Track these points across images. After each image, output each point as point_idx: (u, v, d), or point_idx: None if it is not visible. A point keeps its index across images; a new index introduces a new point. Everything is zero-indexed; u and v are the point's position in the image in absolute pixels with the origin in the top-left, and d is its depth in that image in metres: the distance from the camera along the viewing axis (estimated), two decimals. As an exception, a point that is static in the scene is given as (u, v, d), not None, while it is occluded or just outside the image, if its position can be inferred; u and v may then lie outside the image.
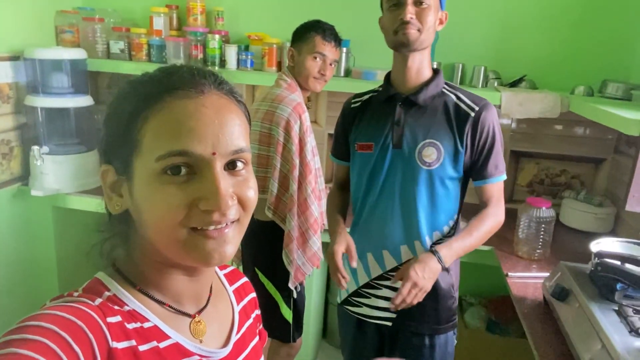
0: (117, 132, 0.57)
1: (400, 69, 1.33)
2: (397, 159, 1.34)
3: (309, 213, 1.81)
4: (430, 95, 1.33)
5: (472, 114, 1.30)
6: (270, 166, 1.79)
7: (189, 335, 0.62)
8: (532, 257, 1.86)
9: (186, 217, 0.54)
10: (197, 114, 0.54)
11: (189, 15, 2.47)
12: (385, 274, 1.40)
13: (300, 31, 1.83)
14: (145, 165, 0.54)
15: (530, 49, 2.28)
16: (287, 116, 1.74)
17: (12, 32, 2.26)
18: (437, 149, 1.31)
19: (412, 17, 1.24)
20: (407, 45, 1.26)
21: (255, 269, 1.89)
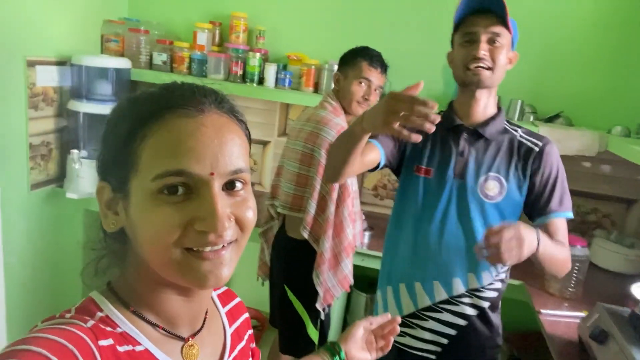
0: (115, 149, 0.56)
1: (467, 102, 1.33)
2: (457, 189, 1.33)
3: (344, 236, 1.81)
4: (496, 130, 1.33)
5: (536, 149, 1.31)
6: (309, 186, 1.81)
7: (180, 359, 0.60)
8: (563, 295, 1.84)
9: (180, 237, 0.52)
10: (196, 133, 0.53)
11: (231, 33, 2.53)
12: (434, 306, 1.37)
13: (347, 56, 1.87)
14: (142, 184, 0.53)
15: (568, 85, 2.30)
16: (332, 139, 1.76)
17: (61, 38, 2.34)
18: (500, 183, 1.31)
19: (485, 55, 1.25)
20: (477, 83, 1.27)
21: (285, 286, 1.89)
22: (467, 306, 1.36)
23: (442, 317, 1.37)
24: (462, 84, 1.32)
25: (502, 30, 1.26)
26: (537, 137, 1.34)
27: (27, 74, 2.15)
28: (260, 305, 2.84)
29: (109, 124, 0.58)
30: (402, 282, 1.41)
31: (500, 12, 1.24)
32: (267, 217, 2.10)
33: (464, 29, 1.29)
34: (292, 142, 1.89)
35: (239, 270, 2.68)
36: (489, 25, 1.25)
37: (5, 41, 2.03)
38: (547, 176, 1.31)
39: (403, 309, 1.42)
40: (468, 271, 1.34)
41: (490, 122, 1.33)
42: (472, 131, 1.33)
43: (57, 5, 2.27)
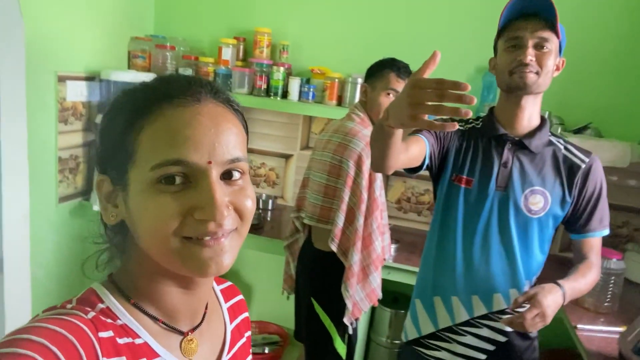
0: (113, 142, 0.56)
1: (511, 110, 1.28)
2: (499, 201, 1.29)
3: (372, 249, 1.79)
4: (541, 142, 1.29)
5: (582, 165, 1.28)
6: (337, 198, 1.80)
7: (178, 354, 0.60)
8: (598, 310, 1.79)
9: (180, 226, 0.52)
10: (193, 122, 0.53)
11: (256, 48, 2.57)
12: (472, 320, 1.34)
13: (374, 68, 1.87)
14: (140, 175, 0.53)
15: (596, 96, 2.27)
16: (360, 150, 1.75)
17: (90, 54, 2.39)
18: (544, 197, 1.27)
19: (532, 60, 1.20)
20: (524, 88, 1.22)
21: (312, 298, 1.87)
22: None
23: (480, 333, 1.34)
24: (506, 90, 1.27)
25: (550, 35, 1.21)
26: (583, 152, 1.30)
27: (57, 89, 2.20)
28: (282, 321, 2.82)
29: (106, 117, 0.58)
30: (439, 295, 1.37)
31: (550, 16, 1.19)
32: (291, 230, 2.09)
33: (510, 34, 1.24)
34: (319, 153, 1.88)
35: (261, 285, 2.67)
36: (536, 29, 1.20)
37: (38, 57, 2.08)
38: (591, 194, 1.28)
39: (439, 323, 1.38)
40: (510, 287, 1.31)
41: (536, 134, 1.28)
42: (517, 142, 1.29)
43: (86, 22, 2.33)
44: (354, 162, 1.76)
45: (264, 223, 2.48)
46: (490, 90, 2.32)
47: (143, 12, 2.74)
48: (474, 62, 2.39)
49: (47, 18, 2.11)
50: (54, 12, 2.14)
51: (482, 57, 2.35)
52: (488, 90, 2.33)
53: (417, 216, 2.61)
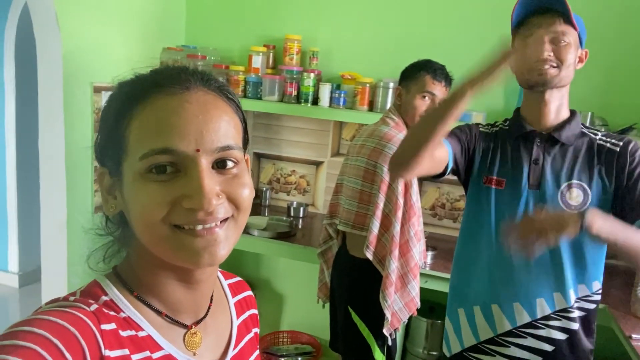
0: (108, 134, 0.56)
1: (536, 106, 1.24)
2: (533, 200, 1.23)
3: (410, 256, 1.74)
4: (572, 134, 1.24)
5: (617, 149, 1.21)
6: (372, 204, 1.76)
7: (182, 347, 0.59)
8: (651, 319, 1.69)
9: (168, 214, 0.52)
10: (179, 110, 0.52)
11: (285, 55, 2.56)
12: (515, 330, 1.26)
13: (409, 70, 1.83)
14: (131, 165, 0.53)
15: None
16: None
17: (124, 65, 2.42)
18: (583, 190, 1.20)
19: (550, 55, 1.17)
20: (544, 84, 1.18)
21: (349, 307, 1.82)
22: (555, 330, 1.24)
23: (524, 343, 1.26)
24: (527, 87, 1.23)
25: (566, 28, 1.17)
26: (617, 138, 1.23)
27: (93, 100, 2.24)
28: (314, 330, 2.77)
29: (103, 110, 0.59)
30: (477, 304, 1.31)
31: (562, 9, 1.16)
32: (325, 236, 2.05)
33: (524, 31, 1.20)
34: (353, 158, 1.85)
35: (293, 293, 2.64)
36: (551, 24, 1.17)
37: (74, 68, 2.12)
38: (635, 173, 1.18)
39: (479, 335, 1.31)
40: (554, 290, 1.23)
41: (566, 126, 1.23)
42: (546, 137, 1.24)
43: (120, 34, 2.37)
44: None
45: (296, 231, 2.45)
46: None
47: (174, 23, 2.78)
48: (510, 64, 2.32)
49: (82, 31, 2.15)
50: (89, 24, 2.19)
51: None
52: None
53: (453, 223, 2.54)
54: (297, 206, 2.68)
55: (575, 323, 1.23)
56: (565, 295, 1.22)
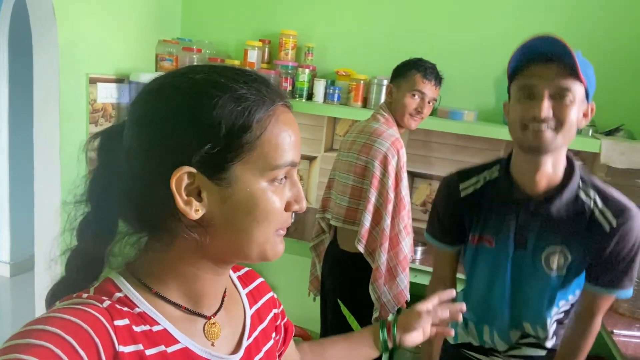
0: (215, 139, 0.53)
1: (528, 170, 1.11)
2: (519, 260, 1.19)
3: (399, 249, 1.78)
4: (565, 202, 1.11)
5: (608, 228, 1.09)
6: (363, 198, 1.79)
7: (200, 338, 0.60)
8: (634, 316, 1.74)
9: (282, 219, 0.59)
10: (294, 126, 0.59)
11: (281, 50, 2.58)
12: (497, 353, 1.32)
13: (400, 68, 1.86)
14: (256, 172, 0.55)
15: (628, 97, 2.22)
16: (385, 150, 1.74)
17: (120, 57, 2.44)
18: (565, 257, 1.15)
19: (549, 114, 1.01)
20: (539, 149, 1.04)
21: (338, 300, 1.86)
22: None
23: (522, 353, 1.30)
24: (520, 148, 1.10)
25: (571, 84, 1.01)
26: (615, 212, 1.09)
27: (89, 91, 2.25)
28: (305, 323, 2.81)
29: (203, 112, 0.54)
30: (471, 320, 1.34)
31: (569, 60, 1.00)
32: (317, 230, 2.08)
33: (523, 81, 1.06)
34: (345, 154, 1.88)
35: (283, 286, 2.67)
36: (554, 77, 1.01)
37: (70, 59, 2.13)
38: (619, 257, 1.11)
39: (480, 342, 1.36)
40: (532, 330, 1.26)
41: (557, 196, 1.10)
42: (536, 203, 1.13)
43: (116, 26, 2.38)
44: (379, 162, 1.75)
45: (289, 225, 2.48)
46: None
47: (170, 16, 2.79)
48: (502, 63, 2.35)
49: (79, 22, 2.16)
50: (86, 16, 2.19)
51: (509, 57, 2.32)
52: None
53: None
54: (290, 200, 2.71)
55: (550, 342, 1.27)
56: (545, 326, 1.23)
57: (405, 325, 0.93)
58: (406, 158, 1.82)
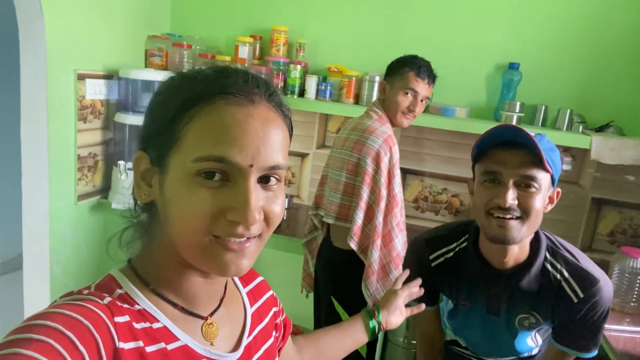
0: (160, 123, 0.56)
1: (495, 253, 1.11)
2: (492, 322, 1.21)
3: (392, 246, 1.78)
4: (533, 276, 1.12)
5: (575, 299, 1.10)
6: (356, 195, 1.78)
7: (199, 337, 0.60)
8: (624, 310, 1.76)
9: (212, 224, 0.53)
10: (243, 123, 0.53)
11: (272, 46, 2.56)
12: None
13: (394, 65, 1.85)
14: (182, 163, 0.53)
15: (618, 94, 2.23)
16: (378, 147, 1.74)
17: (108, 53, 2.40)
18: (537, 320, 1.17)
19: (513, 203, 1.00)
20: (504, 241, 1.04)
21: (332, 297, 1.86)
22: None
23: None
24: (485, 236, 1.08)
25: (537, 172, 0.99)
26: (582, 285, 1.09)
27: (77, 87, 2.21)
28: (298, 320, 2.80)
29: (160, 96, 0.58)
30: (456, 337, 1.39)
31: (534, 148, 0.98)
32: (310, 227, 2.08)
33: (486, 165, 1.04)
34: (338, 151, 1.87)
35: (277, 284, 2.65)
36: (519, 165, 0.99)
37: (58, 55, 2.09)
38: (583, 324, 1.12)
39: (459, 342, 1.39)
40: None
41: (526, 271, 1.11)
42: (506, 278, 1.14)
43: (105, 21, 2.34)
44: (372, 159, 1.74)
45: (281, 222, 2.47)
46: (510, 89, 2.30)
47: (160, 11, 2.75)
48: (494, 60, 2.37)
49: (66, 17, 2.12)
50: (74, 11, 2.15)
51: (502, 54, 2.34)
52: (508, 89, 2.30)
53: (435, 215, 2.59)
54: (282, 197, 2.70)
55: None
56: None
57: (387, 307, 1.04)
58: (399, 155, 1.82)
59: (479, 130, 2.24)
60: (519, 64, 2.27)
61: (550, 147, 1.03)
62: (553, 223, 2.36)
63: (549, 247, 1.14)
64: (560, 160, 1.07)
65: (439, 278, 1.25)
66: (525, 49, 2.30)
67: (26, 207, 2.19)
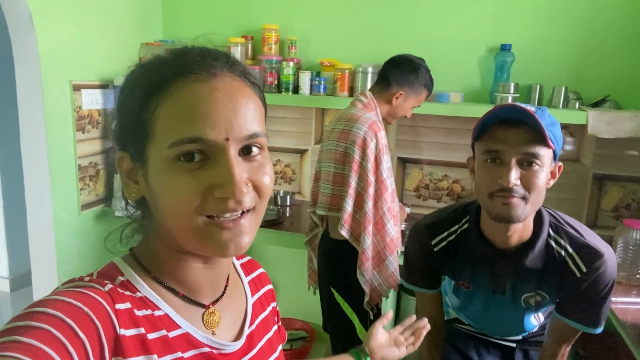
0: (129, 118, 0.55)
1: (498, 231, 1.11)
2: (497, 301, 1.23)
3: (385, 231, 1.78)
4: (537, 256, 1.11)
5: (578, 274, 1.10)
6: (346, 184, 1.79)
7: (201, 326, 0.60)
8: (631, 283, 1.75)
9: (201, 204, 0.52)
10: (209, 98, 0.52)
11: (264, 45, 2.57)
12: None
13: (415, 81, 1.87)
14: (158, 152, 0.53)
15: (613, 68, 2.22)
16: (363, 134, 1.74)
17: (102, 63, 2.42)
18: (542, 297, 1.18)
19: (517, 182, 0.99)
20: (508, 221, 1.03)
21: (331, 288, 1.86)
22: None
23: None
24: (489, 215, 1.08)
25: (539, 149, 0.98)
26: (585, 257, 1.09)
27: (73, 98, 2.23)
28: (308, 316, 2.81)
29: (122, 93, 0.57)
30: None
31: (535, 124, 0.96)
32: (310, 224, 2.08)
33: (488, 144, 1.02)
34: (326, 143, 1.88)
35: (285, 281, 2.65)
36: (521, 143, 0.98)
37: (52, 67, 2.12)
38: (588, 298, 1.13)
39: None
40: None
41: (529, 249, 1.11)
42: (509, 257, 1.14)
43: (97, 31, 2.36)
44: (358, 146, 1.74)
45: (283, 218, 2.48)
46: (504, 70, 2.29)
47: (151, 18, 2.77)
48: (485, 43, 2.36)
49: (58, 29, 2.15)
50: (65, 23, 2.18)
51: (493, 37, 2.33)
52: (501, 71, 2.29)
53: (437, 203, 2.59)
54: (284, 195, 2.71)
55: None
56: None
57: (369, 340, 1.00)
58: (396, 145, 1.83)
59: (475, 114, 2.24)
60: (510, 45, 2.26)
61: (551, 121, 1.01)
62: (556, 202, 2.34)
63: (552, 223, 1.13)
64: (561, 134, 1.06)
65: (442, 262, 1.25)
66: (516, 29, 2.30)
67: (31, 219, 2.22)
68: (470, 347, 1.40)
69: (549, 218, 1.13)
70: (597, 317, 1.15)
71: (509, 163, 0.98)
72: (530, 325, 1.26)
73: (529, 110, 0.96)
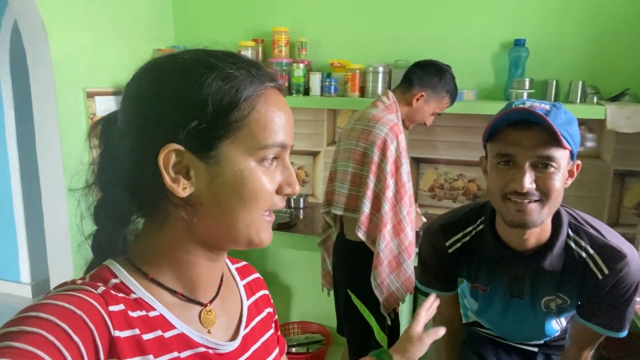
0: (205, 117, 0.54)
1: (514, 234, 1.07)
2: (516, 304, 1.19)
3: (404, 235, 1.75)
4: (556, 256, 1.07)
5: (600, 276, 1.05)
6: (363, 185, 1.76)
7: (197, 325, 0.61)
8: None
9: (273, 202, 0.59)
10: (285, 108, 0.59)
11: (274, 48, 2.57)
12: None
13: (438, 85, 1.85)
14: (243, 153, 0.55)
15: (631, 60, 2.15)
16: (384, 136, 1.72)
17: (115, 69, 2.45)
18: (563, 300, 1.14)
19: (531, 187, 0.94)
20: (524, 227, 1.00)
21: (348, 290, 1.84)
22: None
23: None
24: (503, 220, 1.04)
25: (555, 151, 0.93)
26: (607, 261, 1.05)
27: (87, 105, 2.26)
28: (323, 319, 2.79)
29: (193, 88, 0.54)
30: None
31: (549, 126, 0.91)
32: (323, 225, 2.06)
33: (500, 147, 0.98)
34: (344, 142, 1.86)
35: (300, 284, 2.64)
36: (534, 145, 0.93)
37: (65, 75, 2.15)
38: (610, 301, 1.08)
39: None
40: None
41: (548, 251, 1.06)
42: (527, 259, 1.10)
43: (109, 38, 2.39)
44: (378, 147, 1.72)
45: (297, 221, 2.47)
46: (518, 66, 2.24)
47: (163, 24, 2.80)
48: (498, 38, 2.31)
49: (71, 37, 2.18)
50: (77, 31, 2.21)
51: (506, 32, 2.28)
52: (515, 66, 2.25)
53: (452, 203, 2.54)
54: (297, 197, 2.70)
55: None
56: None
57: (403, 344, 0.98)
58: (409, 144, 1.81)
59: (490, 111, 2.19)
60: (524, 40, 2.21)
61: (567, 119, 0.95)
62: (576, 200, 2.28)
63: (571, 224, 1.08)
64: (579, 131, 1.00)
65: (457, 264, 1.22)
66: (530, 23, 2.25)
67: (48, 226, 2.25)
68: (490, 351, 1.36)
69: (568, 218, 1.09)
70: (621, 321, 1.09)
71: (522, 166, 0.94)
72: (551, 330, 1.22)
73: (540, 114, 0.91)
